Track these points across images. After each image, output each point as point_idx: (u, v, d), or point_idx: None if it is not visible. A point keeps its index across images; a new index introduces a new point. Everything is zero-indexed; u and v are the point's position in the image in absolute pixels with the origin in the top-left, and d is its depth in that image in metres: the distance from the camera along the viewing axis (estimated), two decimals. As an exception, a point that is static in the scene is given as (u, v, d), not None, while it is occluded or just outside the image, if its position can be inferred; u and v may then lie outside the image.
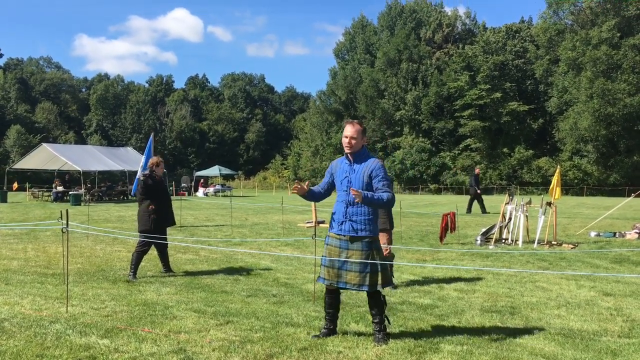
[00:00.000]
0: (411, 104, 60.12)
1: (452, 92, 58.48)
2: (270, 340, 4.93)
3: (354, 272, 4.95)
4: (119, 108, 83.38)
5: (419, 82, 60.89)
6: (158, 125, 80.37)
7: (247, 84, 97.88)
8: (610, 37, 50.26)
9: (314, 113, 70.86)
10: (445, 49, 63.41)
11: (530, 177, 55.23)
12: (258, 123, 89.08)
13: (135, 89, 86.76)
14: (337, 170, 5.19)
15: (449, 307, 6.46)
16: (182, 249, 11.27)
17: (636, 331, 5.54)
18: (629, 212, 21.43)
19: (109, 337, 4.97)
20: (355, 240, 4.98)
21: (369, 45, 68.61)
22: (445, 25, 64.73)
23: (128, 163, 36.63)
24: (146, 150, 17.31)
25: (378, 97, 62.35)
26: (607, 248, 11.98)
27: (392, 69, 62.27)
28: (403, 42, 61.95)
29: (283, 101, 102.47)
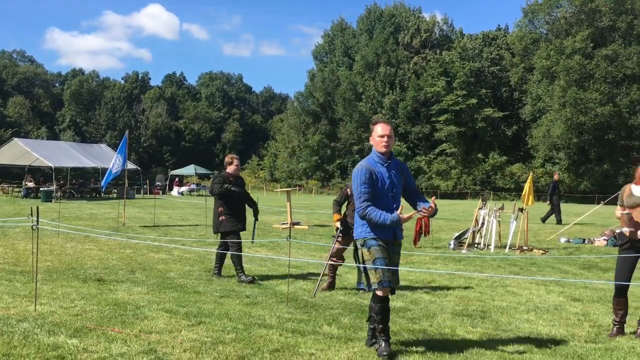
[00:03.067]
0: (388, 108, 60.47)
1: (429, 97, 59.00)
2: (242, 342, 4.91)
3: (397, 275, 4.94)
4: (93, 104, 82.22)
5: (396, 86, 61.28)
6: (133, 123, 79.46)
7: (224, 83, 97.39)
8: (583, 47, 51.23)
9: (291, 114, 70.82)
10: (423, 54, 63.93)
11: (503, 182, 55.95)
12: (235, 123, 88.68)
13: (111, 85, 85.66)
14: (376, 175, 4.76)
15: (421, 311, 6.51)
16: (155, 248, 11.16)
17: (602, 336, 5.65)
18: (598, 219, 21.85)
19: (78, 336, 4.90)
20: (399, 244, 4.97)
21: (348, 48, 68.85)
22: (423, 30, 65.29)
23: (102, 160, 36.11)
24: (120, 147, 17.13)
25: (356, 100, 62.58)
26: (576, 254, 12.20)
27: (370, 73, 62.58)
28: (381, 46, 62.31)
29: (260, 101, 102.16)
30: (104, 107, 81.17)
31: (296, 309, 6.39)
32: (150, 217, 18.52)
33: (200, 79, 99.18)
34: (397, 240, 4.89)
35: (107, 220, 17.49)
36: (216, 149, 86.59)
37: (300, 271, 8.87)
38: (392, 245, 4.86)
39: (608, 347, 5.21)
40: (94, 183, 36.50)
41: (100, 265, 9.05)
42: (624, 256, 5.71)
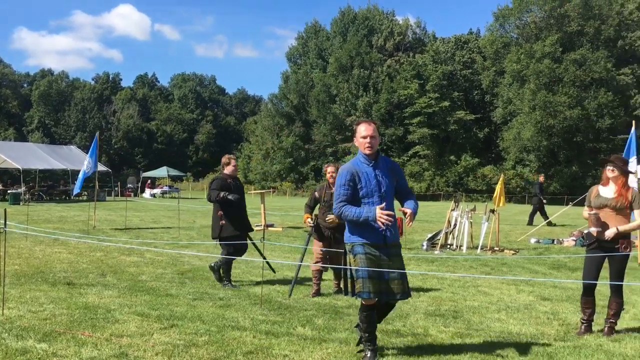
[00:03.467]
0: (362, 110, 60.71)
1: (402, 99, 59.43)
2: (215, 344, 4.88)
3: (396, 280, 4.61)
4: (62, 105, 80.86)
5: (370, 88, 61.59)
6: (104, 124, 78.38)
7: (197, 84, 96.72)
8: (552, 51, 52.21)
9: (265, 116, 70.63)
10: (396, 57, 64.38)
11: (475, 184, 56.63)
12: (208, 124, 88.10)
13: (81, 86, 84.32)
14: (360, 176, 4.65)
15: (394, 311, 6.54)
16: (127, 250, 11.02)
17: (571, 334, 5.76)
18: (567, 220, 22.25)
19: (47, 341, 4.81)
20: (393, 246, 4.70)
21: (322, 51, 68.95)
22: (396, 33, 65.73)
23: (71, 162, 35.55)
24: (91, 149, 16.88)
25: (329, 102, 62.71)
26: (546, 254, 12.41)
27: (344, 75, 62.77)
28: (355, 48, 62.56)
29: (234, 103, 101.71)
30: (73, 108, 79.87)
31: (270, 310, 6.37)
32: (121, 220, 18.29)
33: (173, 80, 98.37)
34: (388, 242, 4.65)
35: (77, 223, 17.22)
36: (189, 150, 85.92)
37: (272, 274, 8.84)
38: (385, 249, 4.64)
39: (576, 345, 5.31)
40: (64, 185, 35.91)
41: (70, 268, 8.90)
42: (591, 256, 5.83)
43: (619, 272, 5.76)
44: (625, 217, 5.71)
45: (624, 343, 5.41)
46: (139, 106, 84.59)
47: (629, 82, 54.08)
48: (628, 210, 5.71)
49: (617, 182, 5.76)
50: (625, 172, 5.79)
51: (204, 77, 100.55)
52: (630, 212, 5.73)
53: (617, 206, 5.69)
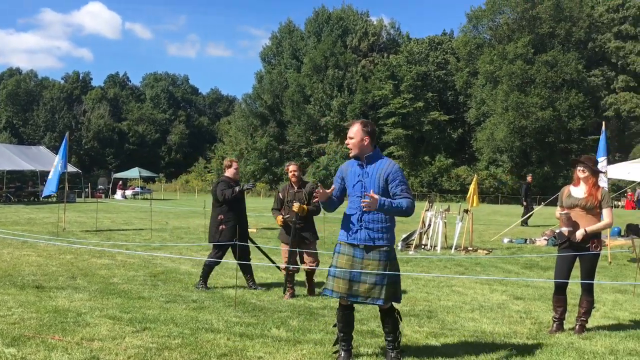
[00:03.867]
0: (336, 111, 60.83)
1: (377, 100, 59.70)
2: (188, 347, 4.82)
3: (368, 284, 4.51)
4: (31, 105, 79.25)
5: (344, 89, 61.73)
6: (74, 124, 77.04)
7: (170, 84, 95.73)
8: (525, 52, 53.01)
9: (239, 116, 70.29)
10: (371, 57, 64.66)
11: (449, 185, 57.15)
12: (181, 125, 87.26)
13: (50, 85, 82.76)
14: (347, 174, 4.72)
15: (369, 312, 6.54)
16: (98, 253, 10.84)
17: (543, 333, 5.83)
18: (539, 219, 22.57)
19: (15, 345, 4.70)
20: (372, 249, 4.55)
21: (296, 51, 68.89)
22: (371, 34, 66.04)
23: (40, 163, 34.86)
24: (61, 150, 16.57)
25: (304, 102, 62.68)
26: (519, 254, 12.56)
27: (319, 75, 62.81)
28: (329, 48, 62.65)
29: (207, 103, 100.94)
30: (42, 107, 78.37)
31: (244, 312, 6.32)
32: (92, 222, 18.00)
33: (145, 80, 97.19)
34: (367, 245, 4.55)
35: (46, 225, 16.89)
36: (162, 151, 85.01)
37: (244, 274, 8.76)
38: (360, 250, 4.58)
39: (548, 343, 5.37)
40: (32, 186, 35.21)
41: (39, 271, 8.71)
42: (562, 255, 5.91)
43: (590, 271, 5.84)
44: (595, 217, 5.80)
45: (594, 341, 5.49)
46: (110, 106, 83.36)
47: (599, 83, 55.22)
48: (598, 209, 5.80)
49: (587, 182, 5.85)
50: (595, 172, 5.88)
51: (177, 76, 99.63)
52: (600, 211, 5.81)
53: (587, 206, 5.78)
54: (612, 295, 7.86)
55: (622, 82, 55.18)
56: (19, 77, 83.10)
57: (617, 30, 55.84)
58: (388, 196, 4.55)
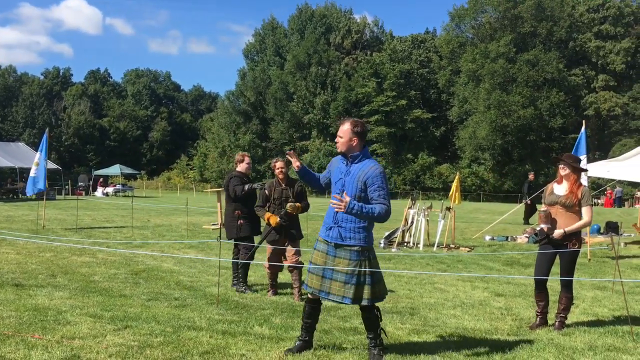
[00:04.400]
0: (320, 108, 60.83)
1: (360, 97, 59.81)
2: (170, 345, 4.79)
3: (338, 282, 4.55)
4: (10, 100, 78.07)
5: (327, 86, 61.73)
6: (54, 121, 76.09)
7: (151, 80, 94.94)
8: (507, 51, 53.47)
9: (222, 113, 69.96)
10: (354, 55, 64.74)
11: (432, 182, 57.47)
12: (163, 122, 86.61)
13: (29, 81, 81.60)
14: (334, 169, 4.78)
15: (351, 309, 6.55)
16: (78, 251, 10.73)
17: (524, 329, 5.89)
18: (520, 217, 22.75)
19: (-7, 345, 4.63)
20: (342, 247, 4.58)
21: (279, 48, 68.72)
22: (354, 31, 66.11)
23: (19, 159, 34.39)
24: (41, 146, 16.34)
25: (287, 99, 62.58)
26: (500, 251, 12.67)
27: (302, 73, 62.73)
28: (313, 46, 62.59)
29: (190, 100, 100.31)
30: (21, 103, 77.23)
31: (227, 310, 6.30)
32: (72, 219, 17.80)
33: (126, 76, 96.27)
34: (338, 243, 4.59)
35: (26, 223, 16.67)
36: (143, 148, 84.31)
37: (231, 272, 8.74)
38: (332, 248, 4.63)
39: (529, 339, 5.43)
40: (11, 183, 34.71)
41: (19, 269, 8.59)
42: (542, 252, 5.98)
43: (569, 267, 5.91)
44: (575, 214, 5.86)
45: (574, 337, 5.56)
46: (91, 102, 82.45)
47: (580, 82, 55.89)
48: (577, 207, 5.85)
49: (568, 180, 5.91)
50: (576, 169, 5.94)
51: (159, 73, 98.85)
52: (579, 209, 5.87)
53: (566, 203, 5.84)
54: (591, 292, 7.96)
55: (602, 81, 55.93)
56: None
57: (597, 30, 56.56)
58: (366, 198, 4.53)
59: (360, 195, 4.52)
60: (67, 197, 34.68)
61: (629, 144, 47.80)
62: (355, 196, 4.51)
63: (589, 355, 4.91)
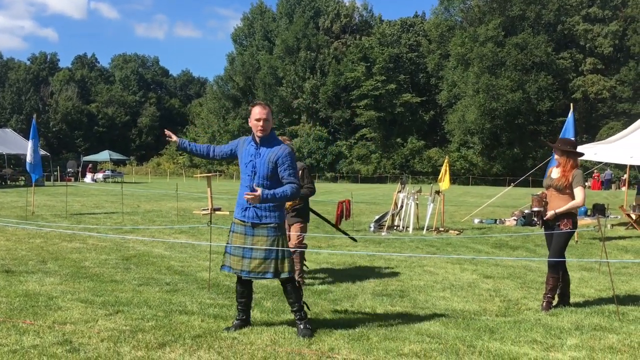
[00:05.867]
0: (309, 93, 60.65)
1: (349, 82, 59.67)
2: (162, 329, 4.82)
3: (258, 259, 4.79)
4: (-4, 86, 77.32)
5: (317, 71, 61.50)
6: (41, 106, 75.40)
7: (139, 65, 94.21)
8: (495, 35, 53.43)
9: (211, 98, 69.65)
10: (343, 39, 64.46)
11: (421, 166, 57.66)
12: (152, 107, 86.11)
13: (15, 67, 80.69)
14: (242, 151, 4.91)
15: (342, 292, 6.62)
16: (68, 237, 10.71)
17: (512, 310, 5.97)
18: (509, 200, 22.96)
19: (-15, 330, 4.64)
20: (259, 226, 4.81)
21: (268, 32, 68.29)
22: (343, 15, 65.77)
23: (7, 145, 34.08)
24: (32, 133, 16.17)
25: (276, 84, 62.32)
26: (489, 234, 12.79)
27: (291, 57, 62.43)
28: (302, 30, 62.24)
29: (178, 85, 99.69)
30: (8, 89, 76.44)
31: (218, 294, 6.33)
32: (61, 206, 17.72)
33: (114, 61, 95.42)
34: (254, 222, 4.80)
35: (15, 209, 16.58)
36: (132, 133, 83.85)
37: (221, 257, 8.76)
38: (250, 228, 4.84)
39: (516, 320, 5.51)
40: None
41: (8, 255, 8.57)
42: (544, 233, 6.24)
43: (557, 248, 5.99)
44: (568, 197, 5.94)
45: (561, 317, 5.65)
46: (78, 88, 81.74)
47: (568, 65, 56.01)
48: (569, 190, 5.94)
49: (561, 163, 6.02)
50: (566, 152, 6.00)
51: (147, 58, 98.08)
52: (571, 192, 5.96)
53: (558, 186, 5.94)
54: (578, 273, 8.07)
55: (590, 64, 56.10)
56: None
57: (585, 13, 56.60)
58: (277, 178, 4.75)
59: (271, 174, 4.76)
60: (56, 184, 34.50)
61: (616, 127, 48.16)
62: (267, 176, 4.74)
63: (575, 335, 5.00)
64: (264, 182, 4.73)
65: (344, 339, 4.70)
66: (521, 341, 4.77)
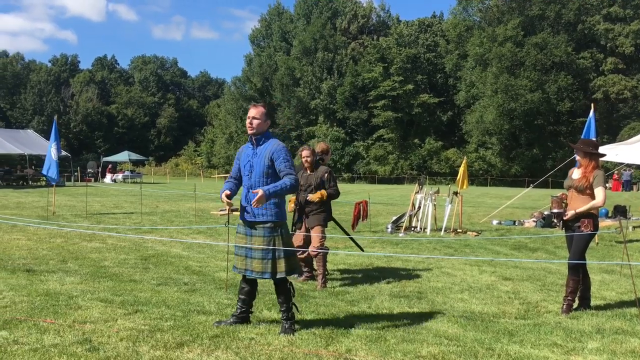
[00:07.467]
0: (326, 94, 60.62)
1: (367, 82, 59.51)
2: (181, 329, 4.85)
3: (257, 259, 4.90)
4: (18, 88, 78.42)
5: (334, 71, 61.46)
6: (62, 108, 76.37)
7: (158, 67, 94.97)
8: (514, 35, 52.93)
9: (228, 99, 69.93)
10: (360, 39, 64.34)
11: (439, 167, 57.33)
12: (170, 108, 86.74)
13: (37, 68, 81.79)
14: (242, 156, 5.10)
15: (359, 293, 6.60)
16: (88, 236, 10.82)
17: (531, 313, 5.91)
18: (528, 201, 22.74)
19: (7, 328, 4.70)
20: (256, 225, 4.90)
21: (285, 33, 68.40)
22: (360, 16, 65.64)
23: (28, 146, 34.58)
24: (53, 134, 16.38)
25: (294, 85, 62.39)
26: (507, 235, 12.67)
27: (308, 58, 62.47)
28: (319, 31, 62.25)
29: (196, 86, 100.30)
30: (30, 91, 77.55)
31: (235, 295, 6.34)
32: (81, 206, 17.93)
33: (133, 63, 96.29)
34: (251, 221, 4.92)
35: (36, 209, 16.81)
36: (151, 134, 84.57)
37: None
38: (249, 228, 4.96)
39: (536, 322, 5.45)
40: (21, 170, 34.94)
41: (30, 255, 8.70)
42: (565, 235, 6.17)
43: (577, 250, 5.92)
44: (588, 197, 5.87)
45: (581, 320, 5.58)
46: (98, 89, 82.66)
47: (588, 65, 55.26)
48: (589, 191, 5.86)
49: (583, 164, 5.96)
50: (587, 154, 5.93)
51: (166, 59, 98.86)
52: (591, 192, 5.88)
53: (579, 187, 5.88)
54: (599, 276, 7.97)
55: (611, 64, 55.29)
56: (5, 60, 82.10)
57: (606, 12, 55.81)
58: (275, 173, 4.88)
59: (268, 171, 4.89)
60: (77, 184, 34.91)
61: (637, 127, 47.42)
62: (264, 173, 4.88)
63: (596, 339, 4.93)
64: (262, 180, 4.88)
65: (362, 341, 4.68)
66: (541, 344, 4.72)
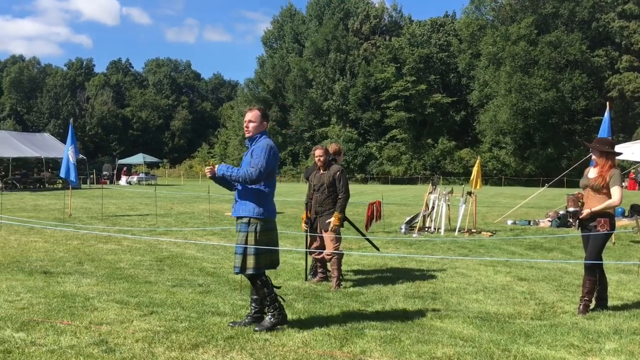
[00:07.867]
0: (339, 94, 60.61)
1: (379, 83, 59.43)
2: (195, 330, 4.87)
3: (235, 254, 5.04)
4: (34, 92, 79.27)
5: (346, 72, 61.44)
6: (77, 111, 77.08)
7: (172, 70, 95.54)
8: (528, 33, 52.57)
9: (242, 101, 70.16)
10: (373, 40, 64.27)
11: (452, 167, 57.09)
12: (184, 110, 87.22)
13: (53, 72, 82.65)
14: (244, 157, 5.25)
15: (373, 294, 6.59)
16: (104, 238, 10.91)
17: (547, 313, 5.86)
18: (543, 201, 22.57)
19: (25, 330, 4.75)
20: (237, 220, 5.07)
21: (298, 35, 68.52)
22: (372, 16, 65.58)
23: (45, 150, 34.94)
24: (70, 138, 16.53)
25: (306, 86, 62.46)
26: (522, 235, 12.58)
27: (320, 59, 62.52)
28: (331, 32, 62.28)
29: (210, 88, 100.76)
30: (46, 94, 78.37)
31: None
32: (97, 208, 18.08)
33: (147, 66, 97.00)
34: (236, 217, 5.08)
35: (53, 212, 16.98)
36: (165, 137, 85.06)
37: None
38: (236, 225, 5.08)
39: (553, 323, 5.40)
40: (37, 173, 35.30)
41: (47, 257, 8.78)
42: (582, 235, 6.10)
43: (593, 250, 5.86)
44: (605, 197, 5.81)
45: (598, 321, 5.52)
46: (113, 92, 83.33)
47: (603, 63, 54.74)
48: (605, 190, 5.80)
49: (599, 164, 5.90)
50: (603, 153, 5.87)
51: (179, 62, 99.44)
52: (608, 192, 5.82)
53: (595, 186, 5.82)
54: (616, 276, 7.88)
55: (626, 62, 54.73)
56: (21, 64, 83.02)
57: (620, 10, 55.27)
58: None
59: None
60: (92, 186, 35.21)
61: (654, 126, 46.86)
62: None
63: (614, 339, 4.88)
64: None
65: (376, 342, 4.67)
66: (558, 345, 4.68)
